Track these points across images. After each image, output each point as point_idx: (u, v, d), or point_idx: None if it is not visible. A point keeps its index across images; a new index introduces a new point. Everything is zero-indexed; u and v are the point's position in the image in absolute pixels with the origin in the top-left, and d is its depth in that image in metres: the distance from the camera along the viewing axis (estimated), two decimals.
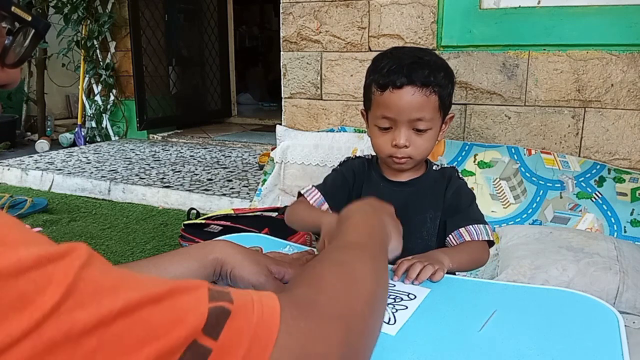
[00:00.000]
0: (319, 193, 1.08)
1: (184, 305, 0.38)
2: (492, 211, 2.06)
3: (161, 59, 4.81)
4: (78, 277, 0.34)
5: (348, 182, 1.10)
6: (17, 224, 0.36)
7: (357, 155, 1.17)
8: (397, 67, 0.98)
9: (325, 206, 1.07)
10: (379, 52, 1.07)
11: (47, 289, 0.33)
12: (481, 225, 1.03)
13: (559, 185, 2.03)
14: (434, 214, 1.06)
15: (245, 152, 4.13)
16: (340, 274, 0.54)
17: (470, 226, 1.02)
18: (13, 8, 0.46)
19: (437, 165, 1.11)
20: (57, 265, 0.34)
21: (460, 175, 1.10)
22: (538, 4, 2.17)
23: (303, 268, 0.59)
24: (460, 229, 1.02)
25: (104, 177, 3.34)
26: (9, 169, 3.63)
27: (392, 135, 1.01)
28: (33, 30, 0.49)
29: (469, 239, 1.01)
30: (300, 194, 1.11)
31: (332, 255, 0.60)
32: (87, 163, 3.76)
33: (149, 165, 3.70)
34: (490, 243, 1.04)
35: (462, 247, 1.01)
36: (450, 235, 1.04)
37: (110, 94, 4.73)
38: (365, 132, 2.38)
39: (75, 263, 0.35)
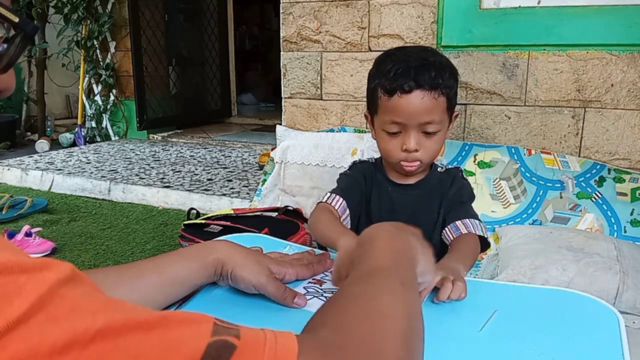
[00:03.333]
0: (342, 198, 1.04)
1: (179, 337, 0.34)
2: (492, 211, 2.06)
3: (161, 59, 4.81)
4: (54, 291, 0.32)
5: (360, 186, 1.09)
6: None
7: (361, 159, 1.15)
8: (403, 71, 0.95)
9: (347, 211, 1.04)
10: (380, 53, 1.05)
11: (16, 298, 0.30)
12: (476, 220, 1.03)
13: (559, 185, 2.03)
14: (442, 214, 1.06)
15: (245, 152, 4.13)
16: (367, 312, 0.47)
17: (467, 219, 1.02)
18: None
19: (442, 167, 1.11)
20: (32, 277, 0.31)
21: (464, 176, 1.10)
22: (538, 4, 2.17)
23: (325, 303, 0.51)
24: (456, 222, 1.02)
25: (104, 177, 3.34)
26: (9, 169, 3.63)
27: (402, 139, 0.99)
28: (22, 33, 0.47)
29: (465, 232, 1.00)
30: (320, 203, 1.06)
31: (356, 288, 0.52)
32: (87, 163, 3.76)
33: (149, 165, 3.70)
34: (486, 243, 1.04)
35: (464, 249, 0.98)
36: (446, 228, 1.03)
37: (110, 94, 4.72)
38: (365, 132, 2.37)
39: (52, 276, 0.32)
